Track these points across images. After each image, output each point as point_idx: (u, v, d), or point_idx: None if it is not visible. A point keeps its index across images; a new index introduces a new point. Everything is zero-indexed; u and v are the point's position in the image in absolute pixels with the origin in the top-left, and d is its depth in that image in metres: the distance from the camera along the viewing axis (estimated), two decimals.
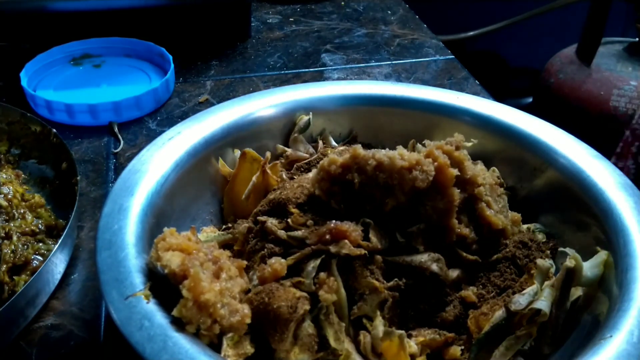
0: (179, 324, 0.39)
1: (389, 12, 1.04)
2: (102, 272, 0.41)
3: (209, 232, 0.53)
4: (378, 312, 0.43)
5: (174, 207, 0.51)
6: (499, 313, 0.43)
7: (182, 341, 0.38)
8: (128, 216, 0.46)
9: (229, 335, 0.40)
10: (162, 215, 0.49)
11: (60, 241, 0.49)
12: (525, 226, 0.53)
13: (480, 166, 0.53)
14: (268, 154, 0.55)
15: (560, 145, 0.54)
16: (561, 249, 0.47)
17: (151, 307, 0.39)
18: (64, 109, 0.72)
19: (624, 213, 0.47)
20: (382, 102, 0.62)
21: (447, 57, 0.90)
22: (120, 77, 0.82)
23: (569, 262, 0.43)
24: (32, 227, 0.55)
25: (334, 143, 0.61)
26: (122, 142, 0.71)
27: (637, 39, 1.39)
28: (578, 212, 0.50)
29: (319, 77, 0.85)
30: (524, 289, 0.44)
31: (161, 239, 0.43)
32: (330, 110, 0.61)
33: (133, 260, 0.42)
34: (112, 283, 0.41)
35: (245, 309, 0.41)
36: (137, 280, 0.41)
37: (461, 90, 0.78)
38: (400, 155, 0.45)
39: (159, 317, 0.39)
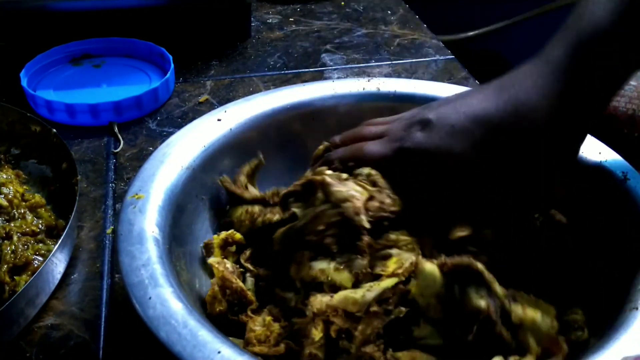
0: None
1: (389, 12, 1.04)
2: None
3: None
4: None
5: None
6: None
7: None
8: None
9: None
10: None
11: (60, 241, 0.49)
12: None
13: None
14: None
15: None
16: None
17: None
18: (64, 109, 0.72)
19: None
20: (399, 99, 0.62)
21: (447, 57, 0.91)
22: (120, 77, 0.82)
23: None
24: (33, 227, 0.55)
25: None
26: (122, 142, 0.71)
27: None
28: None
29: (319, 77, 0.85)
30: None
31: None
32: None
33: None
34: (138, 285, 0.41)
35: None
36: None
37: None
38: None
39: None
